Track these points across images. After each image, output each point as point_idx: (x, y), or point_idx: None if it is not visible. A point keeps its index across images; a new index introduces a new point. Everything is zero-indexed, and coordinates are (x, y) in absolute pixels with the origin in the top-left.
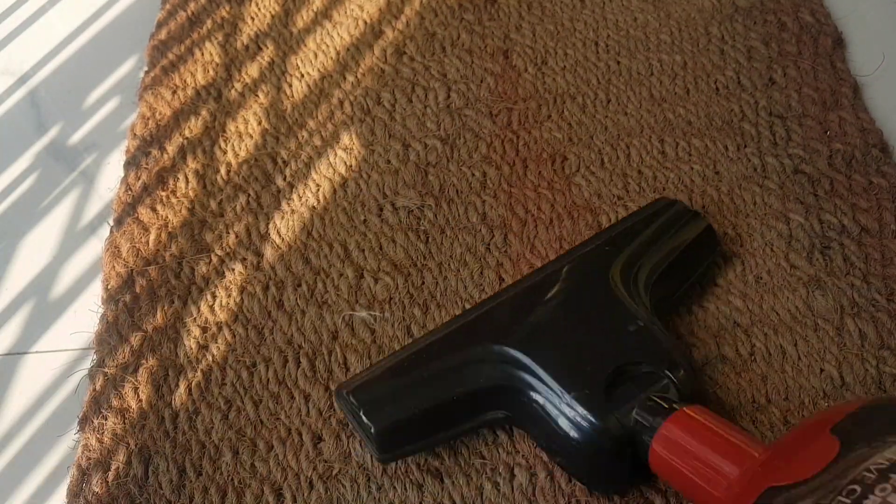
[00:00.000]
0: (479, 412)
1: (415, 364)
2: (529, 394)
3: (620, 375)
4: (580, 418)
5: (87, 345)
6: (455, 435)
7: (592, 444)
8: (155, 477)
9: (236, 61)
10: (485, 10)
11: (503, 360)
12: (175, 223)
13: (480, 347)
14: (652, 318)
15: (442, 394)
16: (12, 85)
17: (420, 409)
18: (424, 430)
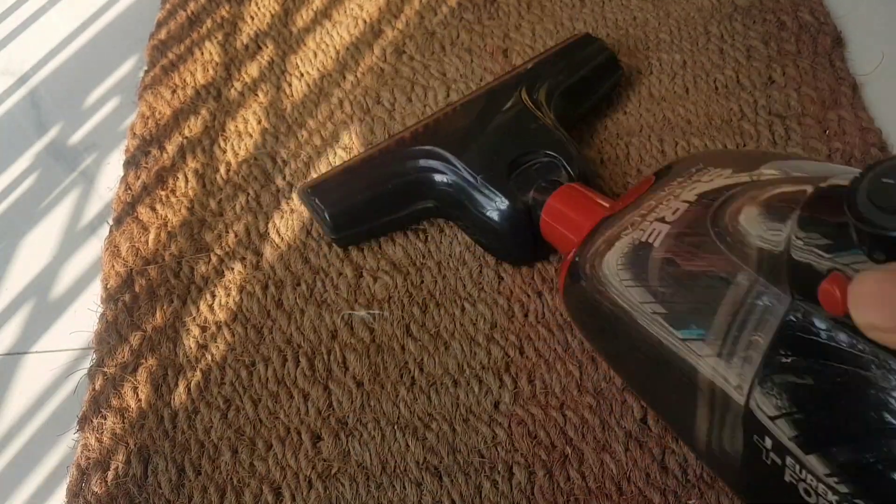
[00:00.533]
0: (411, 201)
1: (360, 165)
2: (448, 181)
3: (522, 164)
4: (489, 197)
5: (86, 344)
6: (395, 221)
7: (500, 218)
8: (154, 476)
9: (236, 61)
10: (484, 9)
11: (427, 156)
12: (174, 222)
13: (408, 149)
14: (552, 120)
15: (379, 185)
16: (12, 85)
17: (363, 196)
18: (368, 214)
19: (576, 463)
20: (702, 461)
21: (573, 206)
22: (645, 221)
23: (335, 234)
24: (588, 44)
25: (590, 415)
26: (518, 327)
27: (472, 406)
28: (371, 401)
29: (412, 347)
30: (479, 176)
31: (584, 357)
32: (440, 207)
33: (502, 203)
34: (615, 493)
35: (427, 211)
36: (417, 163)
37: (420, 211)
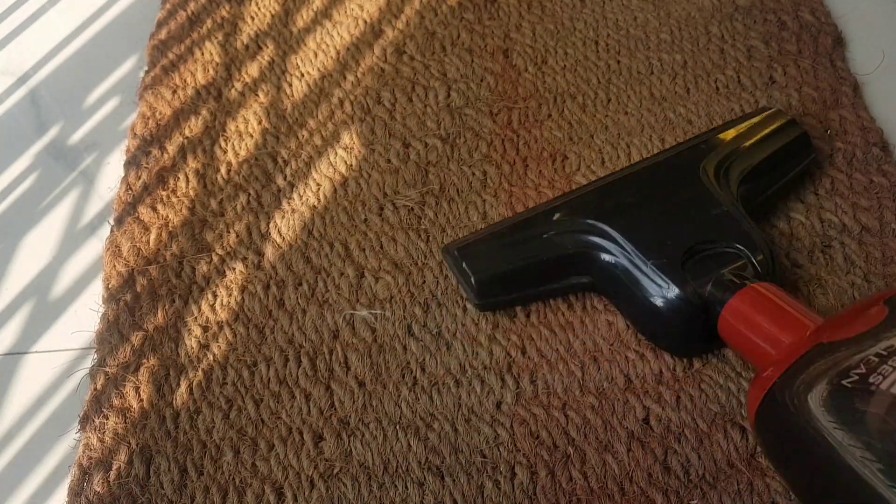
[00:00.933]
0: (565, 275)
1: (511, 231)
2: (612, 260)
3: (699, 252)
4: (658, 284)
5: (87, 344)
6: (544, 293)
7: (669, 308)
8: (156, 476)
9: (236, 61)
10: (485, 9)
11: (590, 231)
12: (176, 222)
13: (570, 220)
14: (736, 206)
15: (533, 256)
16: (12, 85)
17: (514, 266)
18: (517, 284)
19: (578, 463)
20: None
21: (767, 315)
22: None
23: (479, 300)
24: (776, 118)
25: (592, 415)
26: (520, 327)
27: (475, 406)
28: (373, 401)
29: (414, 347)
30: (650, 261)
31: (587, 357)
32: (597, 285)
33: (672, 292)
34: (617, 494)
35: (580, 286)
36: (579, 237)
37: (573, 286)
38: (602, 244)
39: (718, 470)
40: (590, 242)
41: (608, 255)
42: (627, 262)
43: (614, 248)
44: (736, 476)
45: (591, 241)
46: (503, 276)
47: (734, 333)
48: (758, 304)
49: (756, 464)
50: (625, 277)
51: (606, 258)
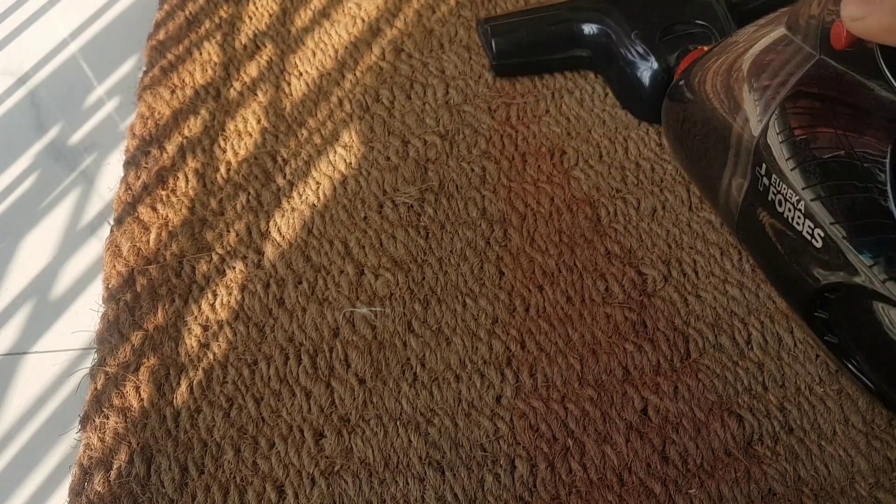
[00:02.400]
0: (569, 47)
1: (531, 10)
2: (604, 31)
3: (678, 32)
4: (637, 53)
5: (87, 344)
6: (552, 63)
7: (642, 75)
8: (157, 475)
9: (235, 60)
10: (482, 6)
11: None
12: (175, 222)
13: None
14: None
15: (543, 27)
16: (12, 85)
17: (527, 32)
18: (528, 50)
19: (577, 455)
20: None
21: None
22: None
23: (497, 60)
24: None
25: (591, 407)
26: (519, 321)
27: (474, 400)
28: (373, 397)
29: (414, 343)
30: (633, 32)
31: (585, 350)
32: (592, 58)
33: (648, 60)
34: (617, 484)
35: (580, 60)
36: (581, 14)
37: (575, 58)
38: (597, 17)
39: (716, 459)
40: (588, 17)
41: (601, 27)
42: (614, 31)
43: (608, 20)
44: (733, 464)
45: (590, 15)
46: (517, 41)
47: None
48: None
49: (753, 452)
50: (611, 48)
51: (600, 28)
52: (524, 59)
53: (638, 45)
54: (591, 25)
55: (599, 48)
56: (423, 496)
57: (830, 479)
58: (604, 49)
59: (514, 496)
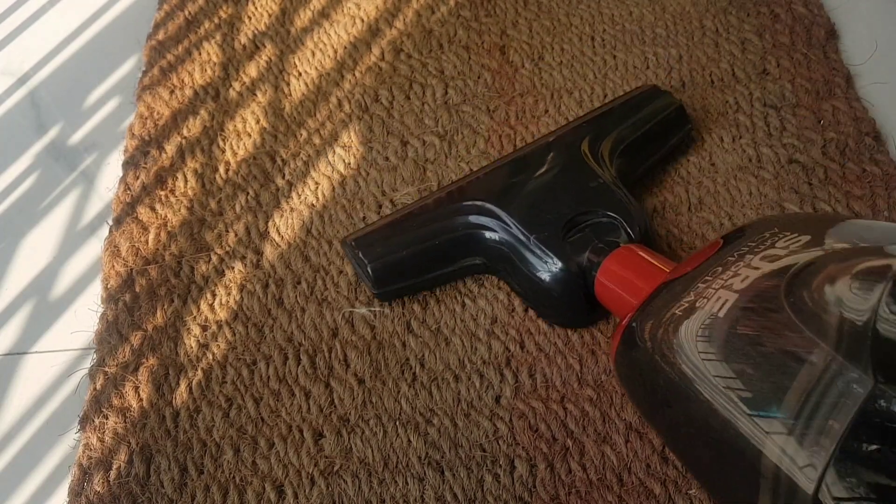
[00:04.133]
0: (458, 257)
1: (406, 219)
2: (498, 238)
3: (579, 224)
4: (541, 258)
5: (87, 344)
6: (441, 277)
7: (552, 280)
8: (157, 475)
9: (234, 61)
10: (481, 6)
11: (477, 212)
12: (174, 222)
13: (457, 204)
14: (612, 178)
15: (426, 240)
16: (12, 85)
17: (408, 252)
18: (413, 270)
19: (577, 455)
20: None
21: (631, 269)
22: (710, 289)
23: (377, 288)
24: (655, 96)
25: (590, 407)
26: (518, 322)
27: (474, 401)
28: (372, 397)
29: (413, 344)
30: (532, 236)
31: (584, 350)
32: (488, 265)
33: (555, 265)
34: (616, 485)
35: (474, 267)
36: (467, 219)
37: (467, 268)
38: (488, 223)
39: None
40: (476, 223)
41: (494, 234)
42: (512, 238)
43: (498, 226)
44: None
45: (477, 222)
46: (398, 263)
47: (607, 294)
48: (625, 261)
49: None
50: (512, 254)
51: (493, 237)
52: (410, 280)
53: (540, 251)
54: (482, 233)
55: (495, 254)
56: (422, 496)
57: None
58: (501, 256)
59: (513, 496)
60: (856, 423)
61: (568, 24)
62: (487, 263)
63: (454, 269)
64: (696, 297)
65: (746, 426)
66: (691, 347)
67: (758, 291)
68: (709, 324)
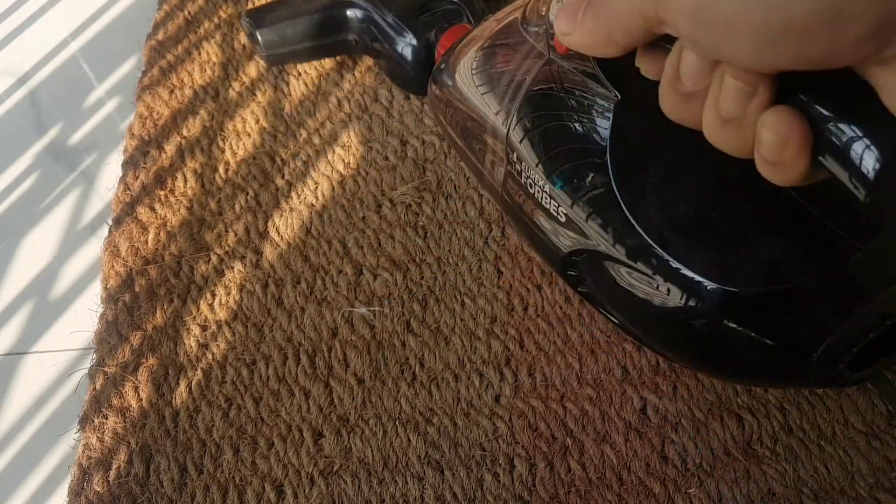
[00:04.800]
0: (333, 32)
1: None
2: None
3: (431, 9)
4: (398, 33)
5: (87, 344)
6: (319, 49)
7: (406, 52)
8: (156, 475)
9: (234, 61)
10: None
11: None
12: (174, 222)
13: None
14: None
15: (304, 13)
16: (12, 85)
17: (291, 21)
18: (294, 38)
19: (576, 454)
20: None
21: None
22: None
23: (265, 51)
24: None
25: (590, 406)
26: (518, 321)
27: (473, 400)
28: (372, 397)
29: (413, 343)
30: (391, 13)
31: (584, 350)
32: (358, 42)
33: (409, 39)
34: (616, 484)
35: (346, 44)
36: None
37: (341, 42)
38: (354, 1)
39: (715, 458)
40: (347, 1)
41: (360, 12)
42: (374, 15)
43: (366, 5)
44: (733, 464)
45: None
46: (282, 30)
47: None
48: (456, 34)
49: (752, 452)
50: (374, 30)
51: (357, 13)
52: (292, 47)
53: (396, 26)
54: (353, 10)
55: (363, 32)
56: (422, 495)
57: (830, 480)
58: (367, 32)
59: (513, 495)
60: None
61: None
62: (357, 40)
63: (331, 42)
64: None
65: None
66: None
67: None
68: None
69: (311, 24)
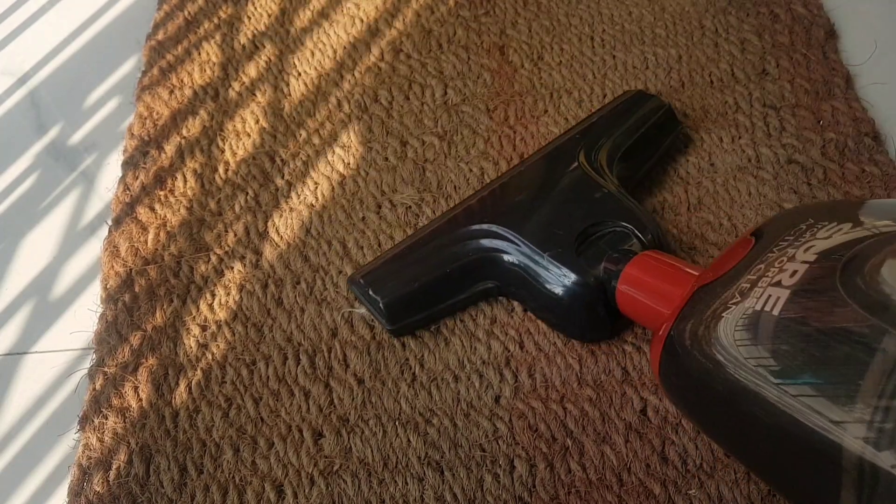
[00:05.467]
0: (471, 283)
1: (412, 249)
2: (512, 260)
3: (590, 236)
4: (556, 274)
5: (86, 344)
6: (455, 305)
7: (570, 295)
8: (156, 475)
9: (233, 61)
10: (481, 6)
11: (486, 236)
12: (174, 222)
13: (465, 228)
14: (616, 186)
15: (437, 269)
16: (12, 85)
17: (420, 283)
18: (425, 301)
19: (576, 455)
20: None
21: (657, 275)
22: (757, 288)
23: (392, 324)
24: (643, 100)
25: (590, 407)
26: (517, 322)
27: (473, 401)
28: (372, 397)
29: (412, 344)
30: (546, 253)
31: (584, 350)
32: (502, 287)
33: (571, 279)
34: (616, 485)
35: (488, 292)
36: (477, 243)
37: (480, 293)
38: (499, 246)
39: (716, 459)
40: (487, 246)
41: (507, 256)
42: (526, 258)
43: (510, 248)
44: (733, 465)
45: (488, 245)
46: (410, 296)
47: (631, 303)
48: (647, 268)
49: None
50: (526, 275)
51: (506, 258)
52: (424, 312)
53: (555, 267)
54: (494, 256)
55: (509, 277)
56: (422, 496)
57: None
58: (515, 277)
59: (513, 496)
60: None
61: (567, 24)
62: (501, 286)
63: (468, 296)
64: (742, 297)
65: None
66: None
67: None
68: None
69: (444, 281)
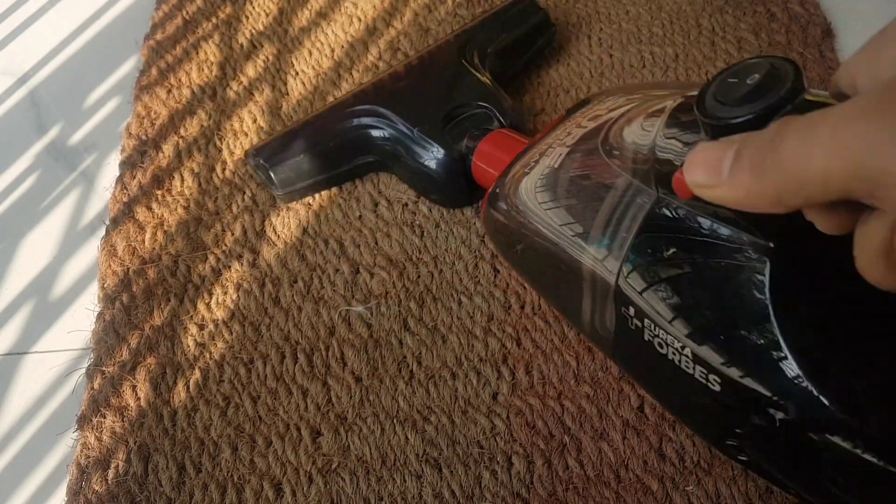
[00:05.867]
0: (352, 156)
1: (303, 127)
2: (386, 135)
3: (457, 116)
4: (425, 147)
5: (85, 344)
6: (340, 176)
7: (437, 166)
8: (155, 474)
9: (232, 60)
10: (479, 5)
11: (367, 115)
12: (171, 222)
13: (350, 108)
14: (484, 74)
15: (321, 143)
16: (12, 85)
17: (305, 154)
18: (310, 171)
19: (574, 452)
20: (588, 339)
21: (500, 148)
22: (550, 148)
23: (281, 189)
24: (522, 4)
25: (587, 404)
26: (515, 319)
27: (471, 398)
28: (370, 395)
29: (410, 341)
30: (415, 129)
31: (581, 347)
32: (380, 161)
33: (438, 152)
34: (613, 481)
35: (368, 165)
36: (358, 120)
37: (361, 166)
38: (376, 123)
39: (713, 456)
40: (366, 123)
41: (382, 131)
42: (399, 133)
43: (385, 124)
44: (730, 462)
45: (367, 122)
46: (296, 165)
47: (483, 174)
48: (495, 143)
49: None
50: (399, 148)
51: (381, 134)
52: (311, 180)
53: (424, 141)
54: (379, 131)
55: (386, 151)
56: (420, 493)
57: None
58: (390, 151)
59: (511, 493)
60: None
61: (564, 23)
62: (379, 160)
63: (350, 168)
64: (539, 155)
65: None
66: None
67: (582, 142)
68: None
69: (329, 152)
